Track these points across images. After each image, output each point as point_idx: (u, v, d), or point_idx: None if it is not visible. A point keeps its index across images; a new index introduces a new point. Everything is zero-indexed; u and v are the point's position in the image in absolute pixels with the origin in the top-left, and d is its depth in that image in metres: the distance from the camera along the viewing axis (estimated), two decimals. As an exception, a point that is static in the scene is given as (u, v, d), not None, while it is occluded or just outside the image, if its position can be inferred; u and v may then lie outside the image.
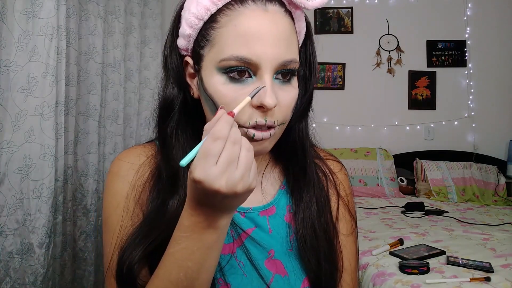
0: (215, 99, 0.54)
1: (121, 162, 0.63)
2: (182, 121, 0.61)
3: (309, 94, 0.64)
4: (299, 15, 0.59)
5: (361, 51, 3.20)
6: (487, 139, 3.06)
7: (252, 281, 0.59)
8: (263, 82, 0.52)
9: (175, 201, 0.57)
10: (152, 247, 0.55)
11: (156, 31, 2.85)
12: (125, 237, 0.58)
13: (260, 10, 0.53)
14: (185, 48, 0.60)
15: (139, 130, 2.65)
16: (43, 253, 1.60)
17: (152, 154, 0.64)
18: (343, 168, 0.75)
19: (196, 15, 0.55)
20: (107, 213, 0.61)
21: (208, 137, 0.44)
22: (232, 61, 0.52)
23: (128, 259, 0.54)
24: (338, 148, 3.02)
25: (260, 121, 0.53)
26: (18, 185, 1.55)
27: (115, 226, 0.59)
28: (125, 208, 0.60)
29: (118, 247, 0.57)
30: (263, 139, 0.55)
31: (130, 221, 0.59)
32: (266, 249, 0.62)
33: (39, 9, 1.59)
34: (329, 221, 0.66)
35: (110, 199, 0.62)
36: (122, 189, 0.61)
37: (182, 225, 0.48)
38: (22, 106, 1.56)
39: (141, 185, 0.61)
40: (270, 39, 0.52)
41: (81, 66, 2.05)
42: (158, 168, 0.61)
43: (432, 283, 1.25)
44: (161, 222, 0.56)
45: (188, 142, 0.61)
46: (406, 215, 2.22)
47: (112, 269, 0.57)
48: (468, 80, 3.11)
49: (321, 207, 0.65)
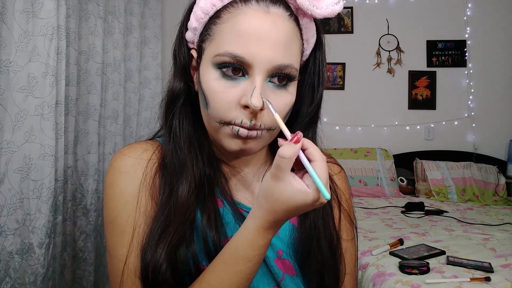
0: (206, 93, 0.55)
1: (126, 157, 0.60)
2: (188, 113, 0.62)
3: (316, 104, 0.63)
4: (307, 23, 0.57)
5: (361, 51, 3.20)
6: (487, 139, 3.06)
7: (263, 278, 0.59)
8: (254, 83, 0.52)
9: (185, 190, 0.57)
10: (174, 241, 0.54)
11: (156, 31, 2.85)
12: (143, 237, 0.56)
13: (262, 12, 0.53)
14: (191, 41, 0.61)
15: (139, 130, 2.65)
16: (43, 253, 1.60)
17: (157, 148, 0.64)
18: (342, 171, 0.75)
19: (203, 9, 0.56)
20: (114, 213, 0.58)
21: (323, 163, 0.48)
22: (225, 57, 0.52)
23: (153, 259, 0.53)
24: (338, 148, 3.02)
25: (245, 122, 0.53)
26: (18, 185, 1.55)
27: (124, 226, 0.57)
28: (138, 206, 0.58)
29: (138, 247, 0.56)
30: (248, 138, 0.54)
31: (145, 219, 0.58)
32: (275, 248, 0.62)
33: (39, 9, 1.59)
34: (332, 227, 0.65)
35: (117, 198, 0.58)
36: (130, 186, 0.58)
37: (257, 245, 0.50)
38: (22, 106, 1.56)
39: (152, 180, 0.60)
40: (267, 41, 0.52)
41: (81, 66, 2.05)
42: (164, 161, 0.61)
43: (432, 283, 1.25)
44: (175, 215, 0.56)
45: (194, 134, 0.61)
46: (406, 215, 2.22)
47: (132, 270, 0.55)
48: (468, 80, 3.11)
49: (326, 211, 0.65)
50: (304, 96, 0.63)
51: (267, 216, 0.49)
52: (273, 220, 0.49)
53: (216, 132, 0.57)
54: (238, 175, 0.65)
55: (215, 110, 0.54)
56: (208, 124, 0.58)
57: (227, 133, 0.55)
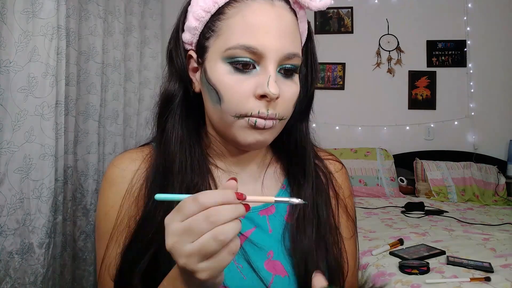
0: (218, 88, 0.55)
1: (115, 169, 0.63)
2: (182, 116, 0.62)
3: (310, 95, 0.65)
4: (302, 16, 0.60)
5: (361, 51, 3.20)
6: (487, 139, 3.06)
7: (252, 283, 0.59)
8: (267, 73, 0.53)
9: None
10: (151, 250, 0.56)
11: (156, 31, 2.85)
12: (118, 247, 0.58)
13: (267, 4, 0.54)
14: (189, 42, 0.61)
15: (139, 130, 2.65)
16: (43, 253, 1.60)
17: (147, 156, 0.64)
18: (343, 168, 0.74)
19: (203, 8, 0.56)
20: (98, 220, 0.63)
21: (200, 213, 0.41)
22: (238, 49, 0.53)
23: (126, 264, 0.56)
24: (338, 148, 3.02)
25: (262, 112, 0.54)
26: (18, 185, 1.55)
27: (103, 235, 0.61)
28: (117, 218, 0.60)
29: (110, 256, 0.59)
30: (265, 128, 0.55)
31: (125, 230, 0.59)
32: (266, 250, 0.61)
33: (39, 9, 1.59)
34: (329, 225, 0.65)
35: (101, 207, 0.63)
36: (112, 198, 0.61)
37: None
38: (22, 106, 1.56)
39: (138, 190, 0.61)
40: (276, 31, 0.53)
41: (81, 66, 2.05)
42: (153, 167, 0.61)
43: (432, 283, 1.25)
44: (156, 226, 0.56)
45: (186, 137, 0.61)
46: (406, 215, 2.22)
47: (102, 277, 0.59)
48: (468, 80, 3.11)
49: (322, 208, 0.65)
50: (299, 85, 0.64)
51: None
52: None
53: (230, 127, 0.57)
54: None
55: (230, 104, 0.54)
56: (219, 120, 0.58)
57: (242, 126, 0.55)
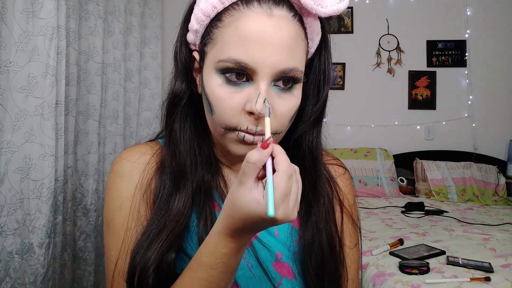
0: (210, 100, 0.54)
1: (124, 161, 0.62)
2: (190, 116, 0.61)
3: (321, 103, 0.61)
4: (311, 21, 0.56)
5: (361, 51, 3.20)
6: (487, 139, 3.06)
7: (261, 283, 0.59)
8: (258, 89, 0.51)
9: (182, 197, 0.57)
10: (165, 247, 0.54)
11: (156, 31, 2.85)
12: (134, 240, 0.56)
13: (265, 14, 0.51)
14: (193, 42, 0.60)
15: (139, 130, 2.65)
16: (43, 253, 1.60)
17: (157, 151, 0.63)
18: (346, 173, 0.73)
19: (203, 11, 0.55)
20: (111, 215, 0.60)
21: (283, 176, 0.43)
22: (229, 63, 0.51)
23: (142, 262, 0.53)
24: (338, 148, 3.02)
25: (251, 128, 0.52)
26: (18, 185, 1.55)
27: (119, 228, 0.58)
28: (131, 210, 0.58)
29: (128, 250, 0.56)
30: (254, 143, 0.53)
31: (138, 223, 0.58)
32: (274, 252, 0.61)
33: (39, 9, 1.59)
34: (334, 232, 0.64)
35: (113, 200, 0.60)
36: (126, 189, 0.59)
37: (218, 252, 0.48)
38: (22, 106, 1.56)
39: (147, 184, 0.60)
40: (271, 45, 0.50)
41: (81, 66, 2.05)
42: (163, 165, 0.61)
43: (432, 283, 1.25)
44: (170, 220, 0.55)
45: (195, 137, 0.61)
46: (406, 215, 2.22)
47: (121, 272, 0.56)
48: (468, 80, 3.11)
49: (328, 215, 0.64)
50: (309, 95, 0.61)
51: (226, 221, 0.47)
52: (231, 228, 0.46)
53: (221, 137, 0.56)
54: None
55: (219, 116, 0.53)
56: (213, 129, 0.57)
57: (232, 138, 0.54)
